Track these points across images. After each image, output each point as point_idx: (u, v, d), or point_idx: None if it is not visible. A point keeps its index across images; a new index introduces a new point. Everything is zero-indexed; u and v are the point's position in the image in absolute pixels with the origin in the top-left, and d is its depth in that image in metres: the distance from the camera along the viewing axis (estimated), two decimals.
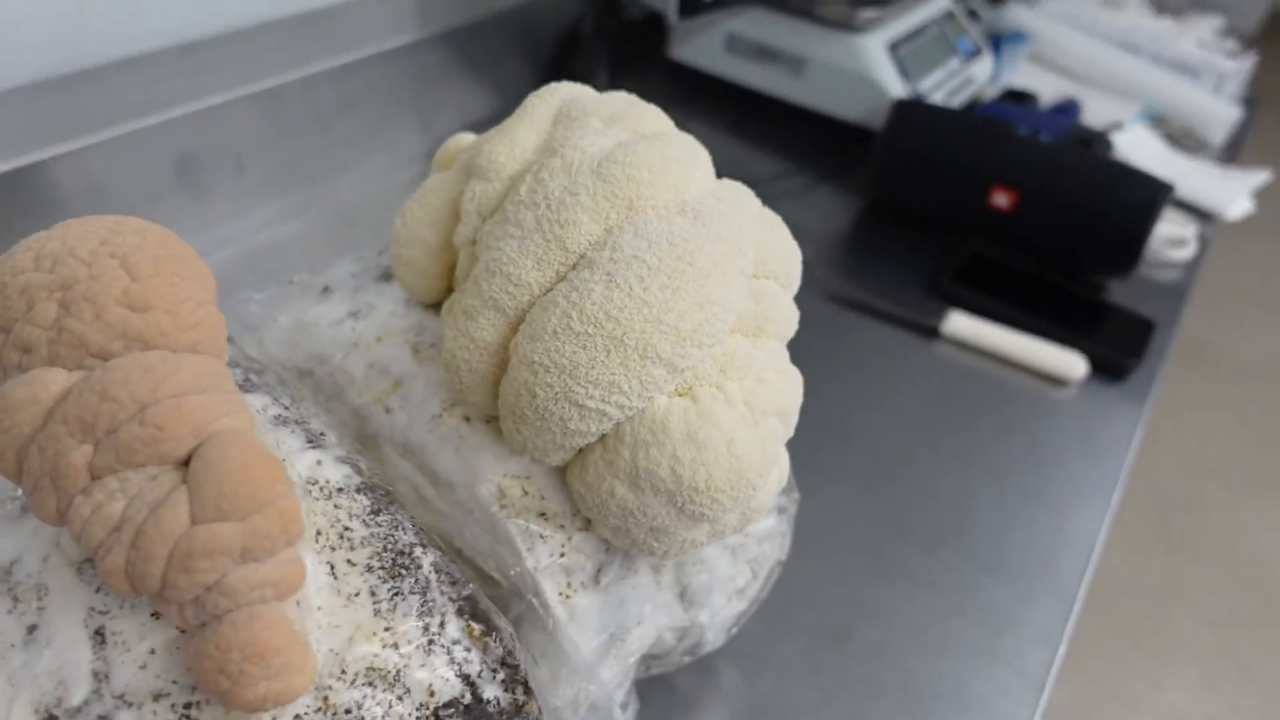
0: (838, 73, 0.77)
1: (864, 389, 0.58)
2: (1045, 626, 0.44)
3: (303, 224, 0.65)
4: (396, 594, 0.23)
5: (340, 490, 0.25)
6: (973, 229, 0.69)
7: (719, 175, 0.31)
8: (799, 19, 0.78)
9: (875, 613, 0.44)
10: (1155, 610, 1.40)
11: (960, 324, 0.62)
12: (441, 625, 0.23)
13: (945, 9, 0.85)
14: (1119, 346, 0.61)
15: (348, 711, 0.22)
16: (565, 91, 0.31)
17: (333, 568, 0.24)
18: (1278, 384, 1.86)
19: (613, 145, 0.28)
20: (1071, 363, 0.60)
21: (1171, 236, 0.71)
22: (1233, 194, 0.78)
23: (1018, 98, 0.86)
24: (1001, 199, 0.66)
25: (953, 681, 0.42)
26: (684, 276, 0.26)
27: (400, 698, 0.22)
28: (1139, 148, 0.83)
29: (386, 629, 0.23)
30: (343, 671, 0.22)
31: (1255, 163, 0.90)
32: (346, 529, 0.24)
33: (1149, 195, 0.62)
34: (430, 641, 0.23)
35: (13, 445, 0.21)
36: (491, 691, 0.24)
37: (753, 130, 0.84)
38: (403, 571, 0.24)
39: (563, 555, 0.30)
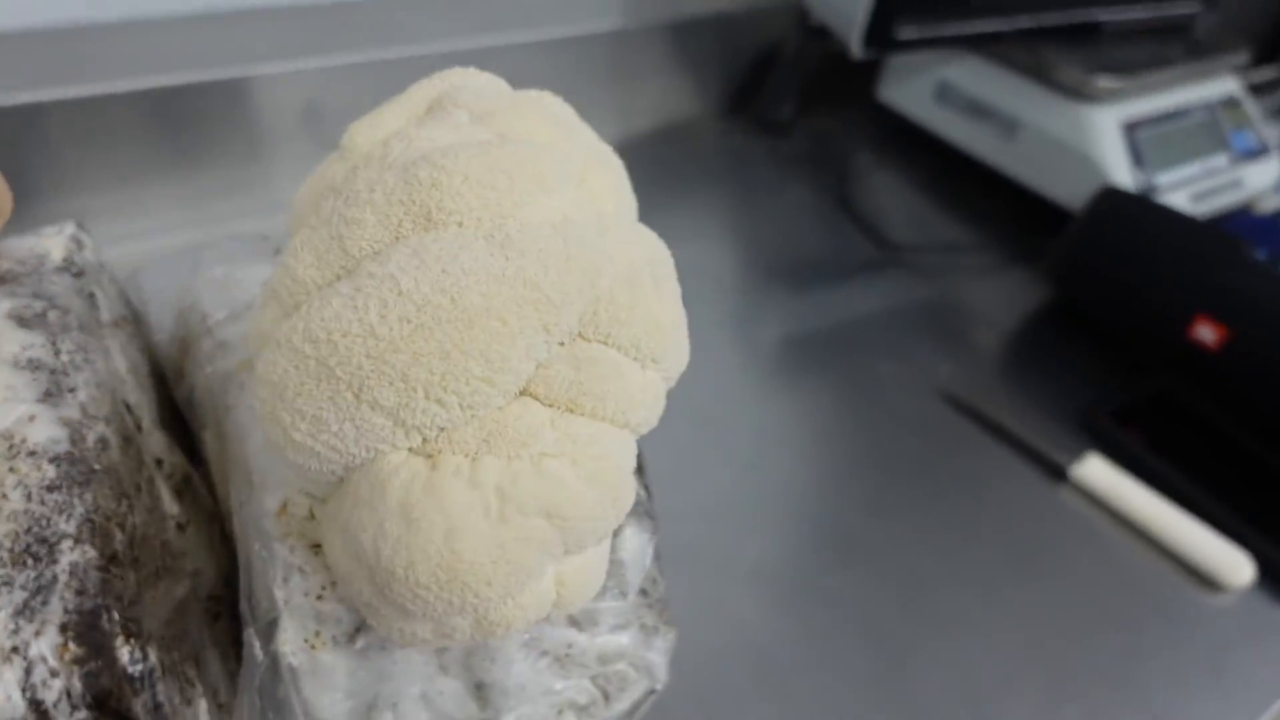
0: (1053, 144, 0.65)
1: (967, 521, 0.47)
2: None
3: None
4: (5, 583, 0.21)
5: (31, 454, 0.23)
6: (1162, 361, 0.55)
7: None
8: (1023, 77, 0.66)
9: None
10: None
11: (1097, 472, 0.49)
12: (36, 634, 0.20)
13: (1228, 93, 0.69)
14: None
15: None
16: (456, 78, 0.26)
17: None
18: None
19: (449, 144, 0.23)
20: (1235, 563, 0.45)
21: None
22: None
23: None
24: (1207, 333, 0.52)
25: None
26: (438, 313, 0.20)
27: None
28: None
29: None
30: None
31: None
32: (4, 496, 0.22)
33: None
34: (14, 649, 0.20)
35: None
36: None
37: (947, 191, 0.73)
38: (29, 561, 0.21)
39: (320, 598, 0.26)
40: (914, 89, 0.74)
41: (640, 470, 0.29)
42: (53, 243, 0.29)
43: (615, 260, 0.23)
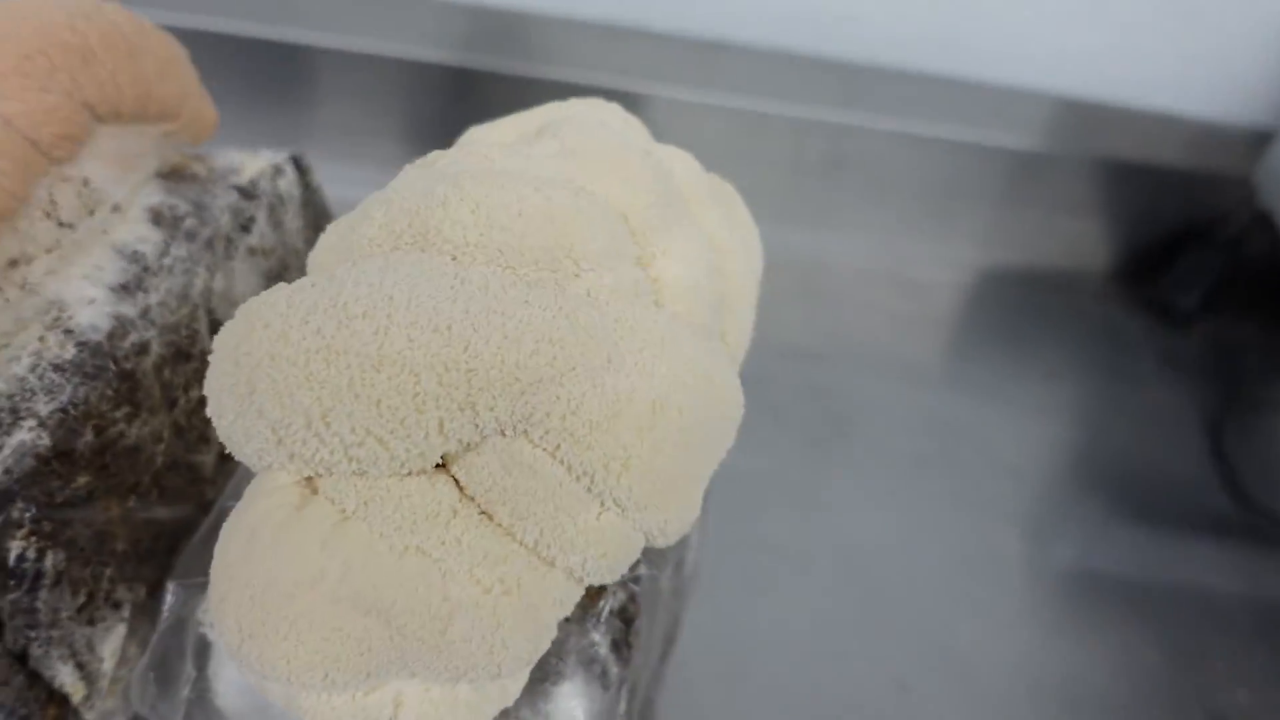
0: None
1: None
2: None
3: None
4: None
5: (67, 331, 0.24)
6: None
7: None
8: None
9: None
10: None
11: None
12: None
13: None
14: None
15: None
16: (578, 108, 0.23)
17: None
18: None
19: (496, 168, 0.20)
20: None
21: None
22: None
23: None
24: None
25: None
26: (353, 341, 0.17)
27: None
28: None
29: None
30: None
31: None
32: (16, 359, 0.23)
33: None
34: None
35: None
36: None
37: None
38: None
39: None
40: None
41: (626, 623, 0.24)
42: (253, 163, 0.31)
43: (613, 368, 0.18)
